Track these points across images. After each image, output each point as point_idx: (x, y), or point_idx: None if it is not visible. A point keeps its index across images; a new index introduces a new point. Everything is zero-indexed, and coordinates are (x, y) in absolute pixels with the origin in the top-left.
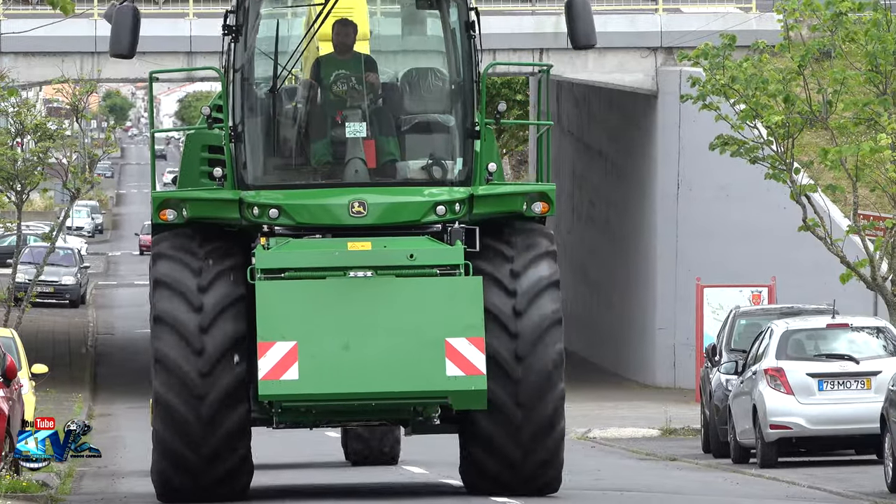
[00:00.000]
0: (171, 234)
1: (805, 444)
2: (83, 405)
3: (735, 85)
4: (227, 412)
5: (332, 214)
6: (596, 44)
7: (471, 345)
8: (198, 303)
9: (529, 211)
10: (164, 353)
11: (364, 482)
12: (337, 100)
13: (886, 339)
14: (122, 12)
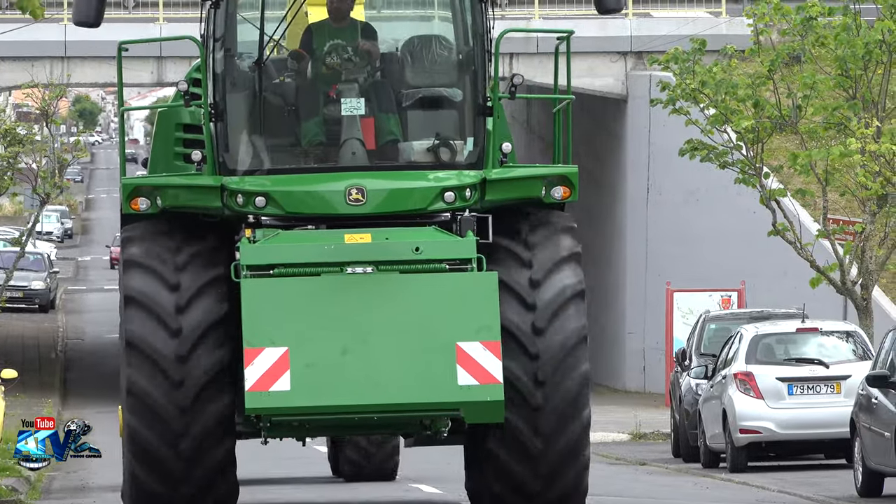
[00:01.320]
0: (143, 233)
1: (775, 448)
2: (53, 410)
3: (705, 90)
4: (207, 404)
5: (327, 203)
6: (623, 8)
7: (485, 349)
8: (174, 281)
9: (549, 197)
10: (136, 337)
11: (363, 500)
12: (331, 73)
13: (856, 343)
14: None
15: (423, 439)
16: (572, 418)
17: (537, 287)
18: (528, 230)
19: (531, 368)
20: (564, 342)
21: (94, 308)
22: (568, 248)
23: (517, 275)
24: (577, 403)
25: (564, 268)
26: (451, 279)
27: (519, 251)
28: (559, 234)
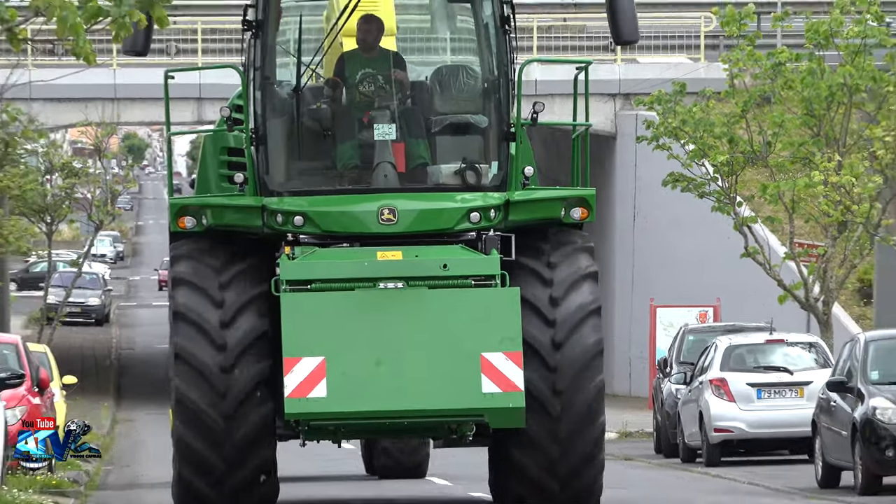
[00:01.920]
0: (190, 251)
1: (745, 445)
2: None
3: (685, 127)
4: (249, 413)
5: (361, 222)
6: (639, 40)
7: (508, 360)
8: (219, 298)
9: (568, 217)
10: (184, 350)
11: (396, 497)
12: (364, 100)
13: (818, 353)
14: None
15: (450, 442)
16: (588, 426)
17: (557, 305)
18: (548, 250)
19: (550, 380)
20: (581, 356)
21: (144, 322)
22: (585, 268)
23: (539, 292)
24: (593, 412)
25: (583, 286)
26: (476, 294)
27: (540, 270)
28: (578, 254)
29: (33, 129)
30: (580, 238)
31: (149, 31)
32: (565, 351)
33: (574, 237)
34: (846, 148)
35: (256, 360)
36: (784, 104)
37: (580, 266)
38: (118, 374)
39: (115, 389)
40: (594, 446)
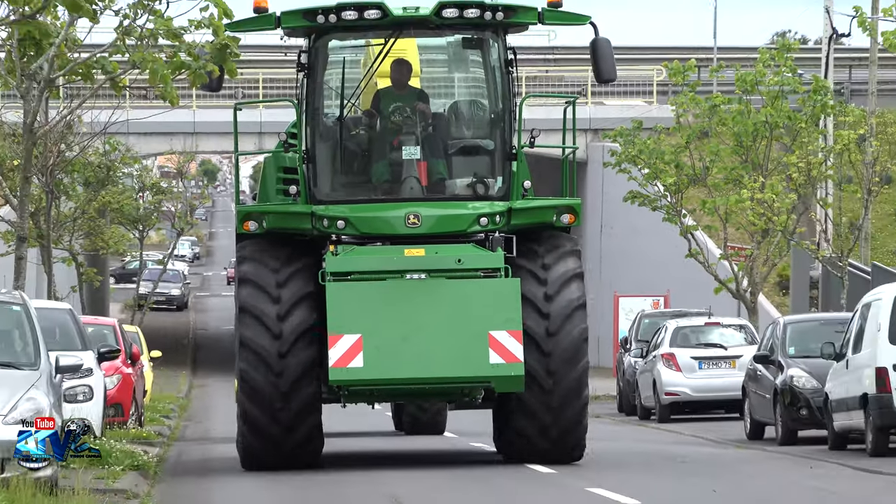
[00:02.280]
0: (252, 252)
1: (689, 406)
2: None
3: (641, 156)
4: (301, 389)
5: (391, 225)
6: (616, 79)
7: (510, 336)
8: (276, 295)
9: (559, 222)
10: (247, 338)
11: (420, 449)
12: (394, 127)
13: (746, 333)
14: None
15: (462, 405)
16: (575, 398)
17: (550, 300)
18: (543, 252)
19: (545, 362)
20: (571, 343)
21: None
22: (574, 269)
23: (535, 290)
24: (579, 387)
25: (571, 285)
26: (485, 283)
27: (536, 271)
28: (568, 257)
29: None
30: (570, 242)
31: (221, 77)
32: (557, 339)
33: (565, 241)
34: (768, 172)
35: (307, 346)
36: (719, 137)
37: (569, 268)
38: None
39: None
40: (580, 414)
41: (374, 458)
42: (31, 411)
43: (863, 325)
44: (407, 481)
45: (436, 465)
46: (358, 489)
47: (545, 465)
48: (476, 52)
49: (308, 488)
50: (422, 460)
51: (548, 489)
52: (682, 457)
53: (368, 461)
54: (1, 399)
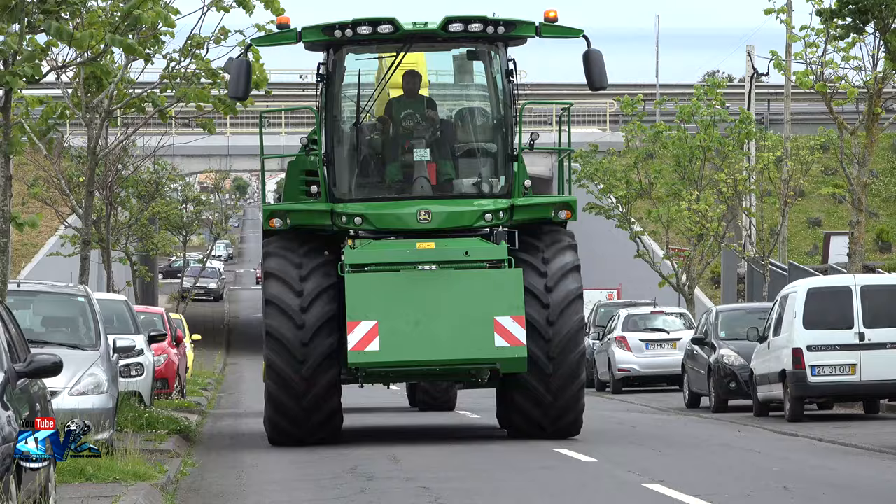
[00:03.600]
0: (277, 248)
1: (638, 380)
2: (221, 358)
3: (597, 173)
4: (322, 375)
5: (404, 221)
6: (607, 86)
7: (514, 322)
8: (299, 289)
9: (556, 217)
10: (273, 328)
11: (432, 424)
12: (406, 132)
13: (685, 319)
14: (238, 64)
15: (470, 384)
16: (573, 380)
17: (550, 291)
18: (543, 247)
19: (545, 348)
20: (569, 330)
21: (246, 299)
22: (571, 263)
23: (536, 282)
24: (577, 371)
25: (569, 277)
26: (490, 273)
27: (537, 264)
28: (566, 251)
29: (175, 175)
30: (567, 237)
31: (248, 76)
32: (556, 326)
33: (563, 236)
34: (702, 187)
35: (327, 335)
36: (661, 158)
37: (567, 261)
38: (228, 334)
39: (226, 343)
40: (577, 395)
41: (387, 432)
42: (92, 385)
43: (781, 313)
44: (414, 452)
45: (444, 438)
46: (361, 452)
47: (548, 425)
48: (479, 63)
49: (322, 451)
50: (431, 434)
51: (523, 448)
52: (632, 423)
53: (382, 434)
54: (67, 375)
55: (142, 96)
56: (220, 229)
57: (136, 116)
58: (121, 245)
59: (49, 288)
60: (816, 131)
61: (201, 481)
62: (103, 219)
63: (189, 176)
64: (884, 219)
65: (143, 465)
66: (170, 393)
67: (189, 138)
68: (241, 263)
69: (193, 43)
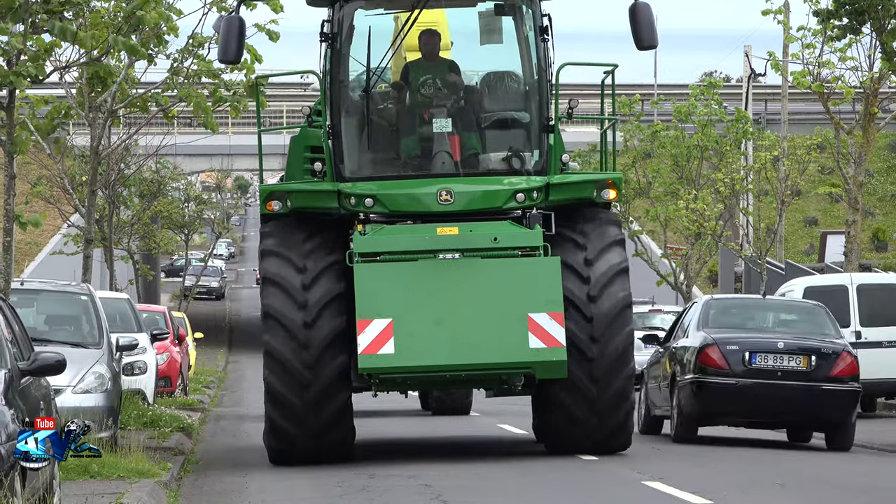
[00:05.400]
0: (276, 229)
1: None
2: (223, 356)
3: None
4: (329, 361)
5: (422, 202)
6: (657, 45)
7: (551, 319)
8: (302, 299)
9: (599, 197)
10: (272, 308)
11: (456, 435)
12: (424, 100)
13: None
14: (229, 21)
15: (501, 392)
16: (621, 367)
17: (591, 265)
18: (582, 222)
19: (587, 329)
20: (613, 307)
21: (247, 298)
22: (614, 235)
23: (575, 255)
24: (625, 356)
25: (612, 249)
26: (523, 263)
27: (576, 237)
28: (607, 225)
29: (177, 174)
30: (609, 215)
31: (241, 36)
32: (599, 303)
33: (604, 213)
34: (699, 186)
35: (333, 316)
36: (659, 158)
37: (610, 234)
38: (230, 332)
39: (227, 342)
40: (626, 386)
41: (406, 445)
42: (95, 383)
43: None
44: (440, 471)
45: (472, 455)
46: (374, 463)
47: (592, 449)
48: (509, 20)
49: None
50: (456, 450)
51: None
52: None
53: (401, 449)
54: (70, 373)
55: (145, 96)
56: (221, 228)
57: (139, 116)
58: (123, 244)
59: (52, 286)
60: (813, 131)
61: (204, 479)
62: (106, 218)
63: (191, 175)
64: (880, 218)
65: (146, 463)
66: (172, 391)
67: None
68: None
69: (195, 43)
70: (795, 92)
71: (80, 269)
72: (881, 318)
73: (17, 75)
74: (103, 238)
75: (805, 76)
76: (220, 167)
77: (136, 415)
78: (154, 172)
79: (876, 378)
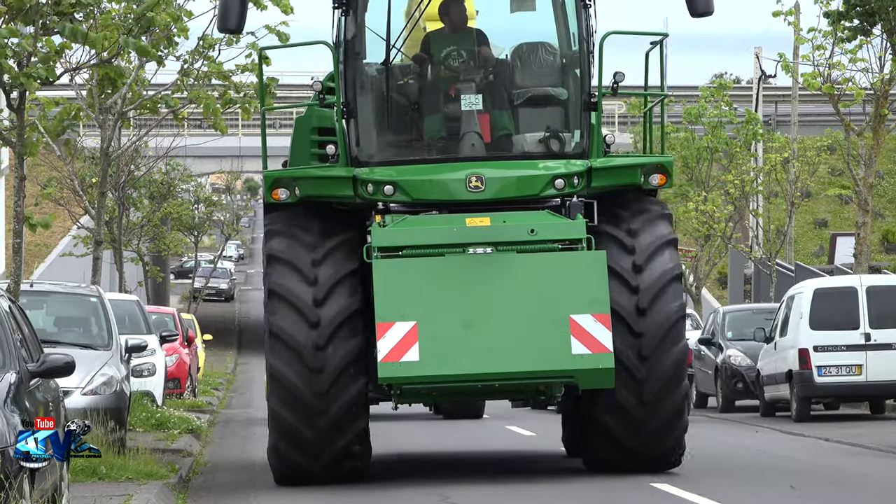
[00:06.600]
0: (283, 226)
1: None
2: (233, 358)
3: None
4: (343, 389)
5: (449, 190)
6: (713, 12)
7: (596, 322)
8: (312, 275)
9: (647, 183)
10: (279, 327)
11: (470, 444)
12: (450, 74)
13: (692, 320)
14: None
15: (538, 403)
16: (673, 389)
17: (640, 271)
18: (629, 217)
19: (636, 345)
20: (665, 321)
21: (257, 300)
22: (665, 235)
23: (622, 260)
24: (677, 376)
25: (664, 253)
26: (563, 258)
27: (622, 237)
28: (658, 221)
29: (187, 175)
30: (658, 206)
31: (243, 5)
32: (649, 317)
33: (653, 205)
34: (709, 188)
35: (349, 337)
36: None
37: (661, 233)
38: (239, 334)
39: (237, 343)
40: (679, 409)
41: (429, 467)
42: (104, 384)
43: (788, 313)
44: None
45: (502, 471)
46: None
47: (638, 471)
48: None
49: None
50: (474, 462)
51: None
52: None
53: (418, 462)
54: (79, 374)
55: (155, 98)
56: (231, 230)
57: (149, 118)
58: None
59: (62, 288)
60: (823, 133)
61: (213, 480)
62: (115, 219)
63: (201, 177)
64: (890, 220)
65: (154, 465)
66: (181, 393)
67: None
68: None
69: (205, 44)
70: (806, 94)
71: (89, 271)
72: (891, 320)
73: (28, 77)
74: (113, 240)
75: (815, 78)
76: (229, 169)
77: (144, 416)
78: (164, 174)
79: (885, 380)
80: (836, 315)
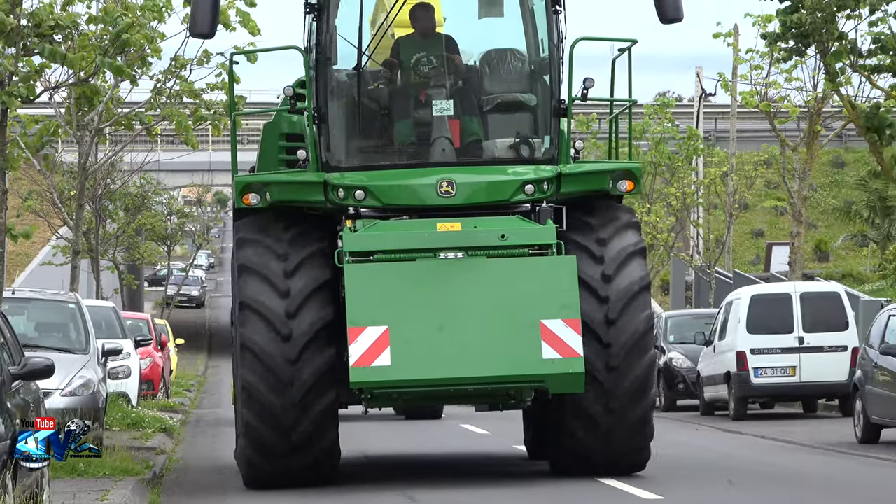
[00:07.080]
0: (253, 219)
1: None
2: (203, 361)
3: None
4: (316, 402)
5: (420, 195)
6: (683, 19)
7: (567, 327)
8: (284, 287)
9: (615, 189)
10: (252, 341)
11: (440, 449)
12: (420, 80)
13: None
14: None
15: (508, 407)
16: (640, 398)
17: (609, 281)
18: (598, 225)
19: (604, 356)
20: (634, 332)
21: (226, 306)
22: (634, 244)
23: (591, 269)
24: (645, 386)
25: (632, 262)
26: (534, 263)
27: (591, 247)
28: (626, 231)
29: (160, 189)
30: (628, 214)
31: (215, 7)
32: (618, 327)
33: (621, 212)
34: (653, 200)
35: (322, 349)
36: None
37: (630, 242)
38: (210, 338)
39: (207, 347)
40: (644, 417)
41: (399, 470)
42: (82, 386)
43: (726, 318)
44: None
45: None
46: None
47: (604, 474)
48: None
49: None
50: (439, 464)
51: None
52: None
53: (393, 476)
54: (58, 377)
55: (130, 115)
56: (202, 240)
57: (124, 134)
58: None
59: (42, 295)
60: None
61: (185, 477)
62: (93, 230)
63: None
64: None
65: (130, 462)
66: (155, 394)
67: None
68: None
69: (177, 64)
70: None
71: (68, 279)
72: (822, 325)
73: (10, 95)
74: (90, 249)
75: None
76: (200, 182)
77: (120, 416)
78: (138, 187)
79: (817, 381)
80: (772, 320)
